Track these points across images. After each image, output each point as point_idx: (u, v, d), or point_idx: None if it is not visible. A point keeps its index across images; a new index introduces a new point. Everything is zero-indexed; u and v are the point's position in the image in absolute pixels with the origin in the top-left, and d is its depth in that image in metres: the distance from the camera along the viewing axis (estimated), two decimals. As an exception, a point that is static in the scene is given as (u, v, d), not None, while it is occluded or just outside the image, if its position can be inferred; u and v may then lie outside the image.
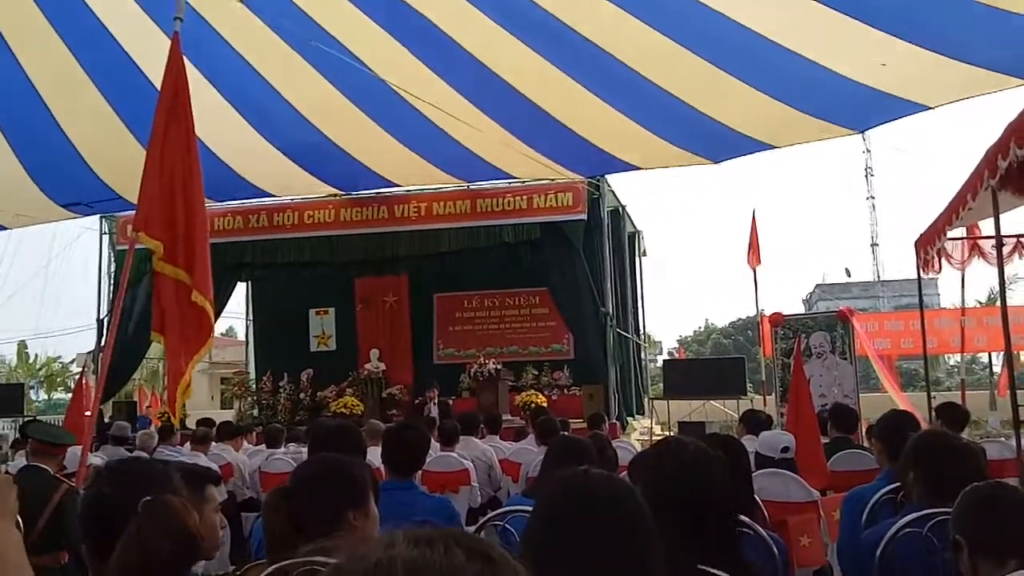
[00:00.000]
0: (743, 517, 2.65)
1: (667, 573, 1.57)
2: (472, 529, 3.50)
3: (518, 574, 0.72)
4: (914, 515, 2.73)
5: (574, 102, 9.07)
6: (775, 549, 2.72)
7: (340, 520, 2.22)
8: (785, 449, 4.31)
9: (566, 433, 6.13)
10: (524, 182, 13.06)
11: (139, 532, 1.68)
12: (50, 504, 3.88)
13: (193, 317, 5.00)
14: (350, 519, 2.25)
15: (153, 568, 1.66)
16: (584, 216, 13.01)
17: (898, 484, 3.33)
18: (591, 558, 1.48)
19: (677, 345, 44.80)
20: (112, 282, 14.98)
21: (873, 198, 40.79)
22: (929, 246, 8.17)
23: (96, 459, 5.86)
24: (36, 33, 8.00)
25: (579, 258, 12.90)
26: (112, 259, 14.90)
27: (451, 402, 13.32)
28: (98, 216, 14.46)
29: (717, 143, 9.73)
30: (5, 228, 13.47)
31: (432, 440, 6.03)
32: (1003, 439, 7.51)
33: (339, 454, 2.71)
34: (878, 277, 41.95)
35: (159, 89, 5.38)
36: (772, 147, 9.64)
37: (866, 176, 40.08)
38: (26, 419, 10.64)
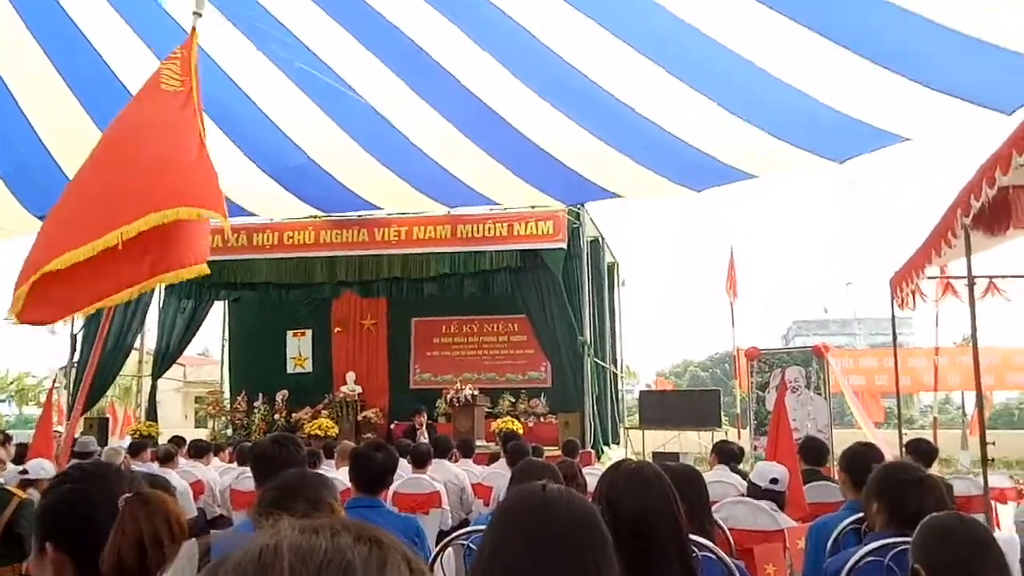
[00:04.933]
0: (704, 541, 2.65)
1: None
2: (437, 548, 3.49)
3: (408, 559, 0.72)
4: (876, 544, 2.75)
5: (557, 129, 9.13)
6: (738, 574, 2.73)
7: (324, 507, 2.34)
8: (774, 480, 4.33)
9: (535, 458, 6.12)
10: (505, 209, 13.11)
11: (130, 523, 1.68)
12: (4, 515, 3.84)
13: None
14: (333, 506, 2.43)
15: (146, 557, 1.66)
16: (564, 245, 13.06)
17: (862, 515, 3.36)
18: (541, 567, 1.48)
19: (656, 377, 44.88)
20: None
21: (849, 238, 41.09)
22: (904, 284, 8.27)
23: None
24: (14, 40, 7.99)
25: (558, 286, 12.94)
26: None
27: (435, 426, 13.33)
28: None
29: (698, 171, 9.81)
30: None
31: (404, 462, 6.03)
32: (971, 476, 7.58)
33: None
34: (855, 315, 42.28)
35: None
36: (752, 176, 9.73)
37: (845, 215, 40.42)
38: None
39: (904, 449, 6.34)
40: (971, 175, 5.26)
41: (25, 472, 5.31)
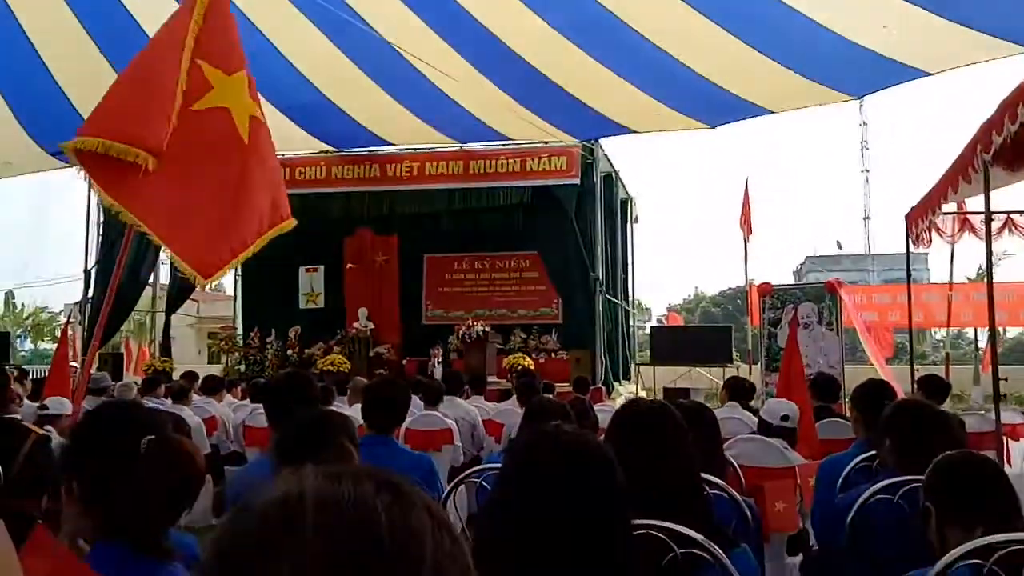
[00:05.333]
0: (714, 479, 2.66)
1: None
2: (450, 486, 3.52)
3: (429, 507, 0.73)
4: (886, 482, 2.75)
5: (572, 64, 9.01)
6: (748, 512, 2.74)
7: (345, 453, 2.41)
8: (784, 417, 4.33)
9: (548, 395, 6.15)
10: (518, 145, 13.00)
11: (149, 467, 1.69)
12: (21, 452, 3.87)
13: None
14: (351, 450, 2.47)
15: (164, 501, 1.68)
16: (577, 181, 12.95)
17: (873, 452, 3.36)
18: (555, 509, 1.47)
19: (667, 312, 44.97)
20: (99, 233, 14.89)
21: (867, 171, 40.59)
22: (920, 220, 8.17)
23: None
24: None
25: (571, 223, 12.87)
26: (100, 209, 14.78)
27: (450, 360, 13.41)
28: (87, 166, 14.32)
29: (714, 107, 9.69)
30: (-7, 178, 13.37)
31: (416, 399, 6.06)
32: (983, 412, 7.58)
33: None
34: (869, 250, 41.98)
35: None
36: (769, 112, 9.60)
37: (861, 149, 39.88)
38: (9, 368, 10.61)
39: (916, 385, 6.33)
40: (991, 111, 5.14)
41: (45, 408, 5.36)
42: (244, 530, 0.69)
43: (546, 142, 12.74)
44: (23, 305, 32.74)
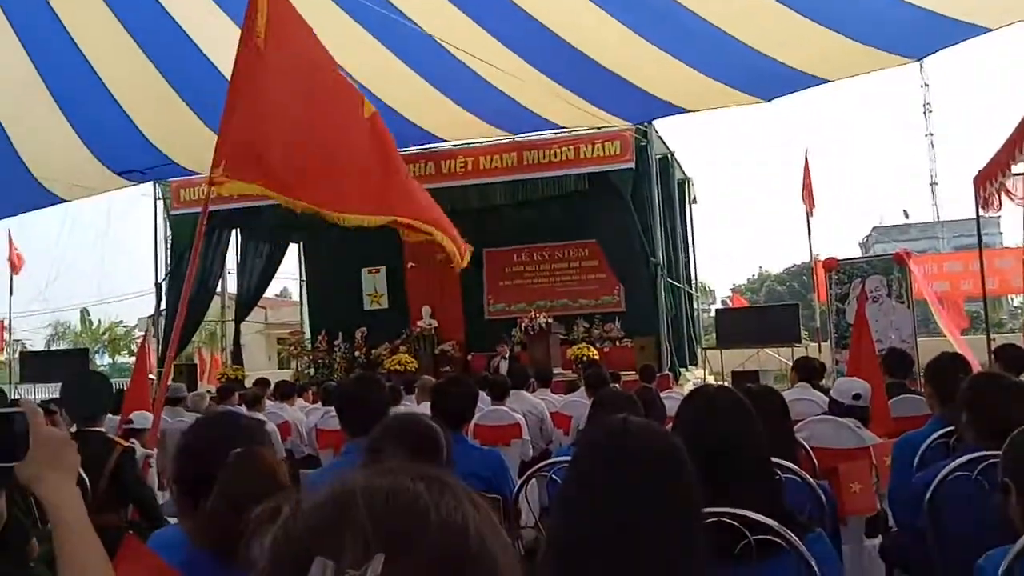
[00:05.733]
0: (786, 463, 2.63)
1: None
2: (521, 480, 3.54)
3: (470, 497, 0.78)
4: (964, 458, 2.69)
5: (618, 44, 8.92)
6: (822, 495, 2.71)
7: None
8: (857, 396, 4.26)
9: (615, 386, 6.15)
10: (571, 132, 12.95)
11: (232, 479, 1.74)
12: (108, 465, 4.01)
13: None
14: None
15: (243, 513, 1.73)
16: (632, 164, 12.83)
17: (950, 428, 3.29)
18: (626, 505, 1.48)
19: (731, 293, 44.42)
20: (167, 247, 15.27)
21: (932, 135, 39.52)
22: (989, 183, 7.94)
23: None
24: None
25: (628, 208, 12.76)
26: (168, 224, 15.16)
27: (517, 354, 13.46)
28: (152, 183, 14.71)
29: (767, 79, 9.52)
30: (63, 200, 13.77)
31: (483, 395, 6.10)
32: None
33: None
34: (937, 217, 40.88)
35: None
36: (825, 81, 9.40)
37: (924, 113, 38.86)
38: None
39: (993, 355, 6.16)
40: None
41: (130, 422, 5.55)
42: (304, 519, 0.75)
43: (599, 128, 12.66)
44: (99, 321, 33.69)
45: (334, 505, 0.74)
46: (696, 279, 17.51)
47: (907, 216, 47.11)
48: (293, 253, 18.17)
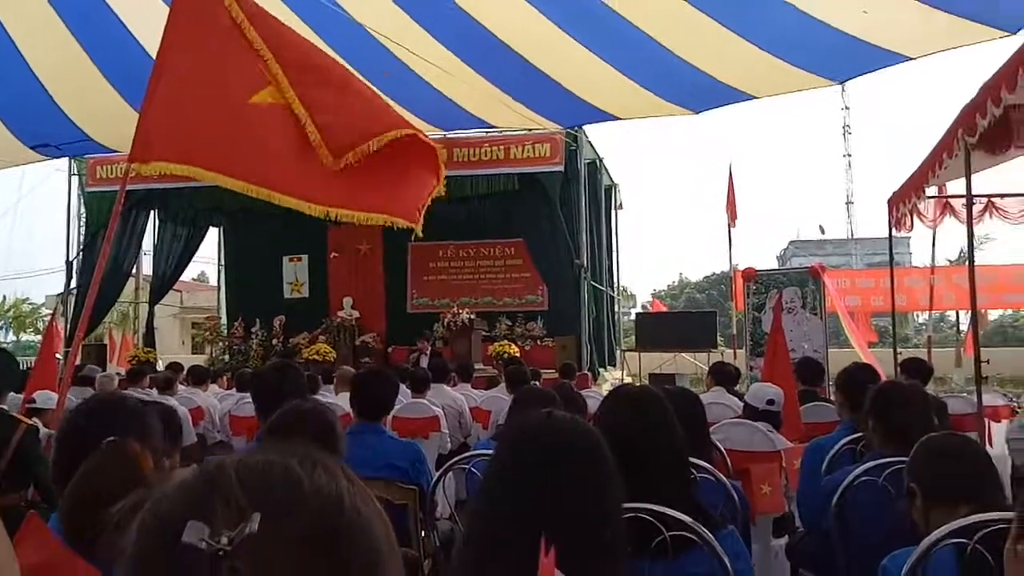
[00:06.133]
0: (702, 462, 2.69)
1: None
2: (439, 473, 3.54)
3: (343, 470, 0.77)
4: (871, 463, 2.79)
5: (554, 50, 8.97)
6: (734, 495, 2.77)
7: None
8: (770, 402, 4.36)
9: (535, 383, 6.18)
10: (502, 132, 12.96)
11: (94, 469, 1.69)
12: (10, 444, 3.87)
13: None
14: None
15: (100, 505, 1.67)
16: (561, 168, 12.91)
17: (859, 435, 3.40)
18: (548, 495, 1.49)
19: (651, 298, 45.09)
20: (80, 224, 14.79)
21: (849, 156, 40.79)
22: (901, 204, 8.22)
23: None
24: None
25: (555, 210, 12.84)
26: (82, 201, 14.68)
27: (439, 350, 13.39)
28: (67, 158, 14.22)
29: (698, 93, 9.69)
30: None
31: (403, 387, 6.07)
32: (965, 394, 7.66)
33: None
34: (852, 235, 42.20)
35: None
36: (752, 97, 9.61)
37: (844, 134, 40.07)
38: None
39: (899, 368, 6.39)
40: (973, 94, 5.17)
41: (32, 402, 5.36)
42: (173, 497, 0.72)
43: (530, 129, 12.71)
44: (4, 297, 32.51)
45: (205, 480, 0.72)
46: (618, 283, 17.74)
47: (823, 232, 48.60)
48: (213, 237, 17.80)
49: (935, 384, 9.50)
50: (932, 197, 9.05)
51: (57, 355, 9.30)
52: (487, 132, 13.04)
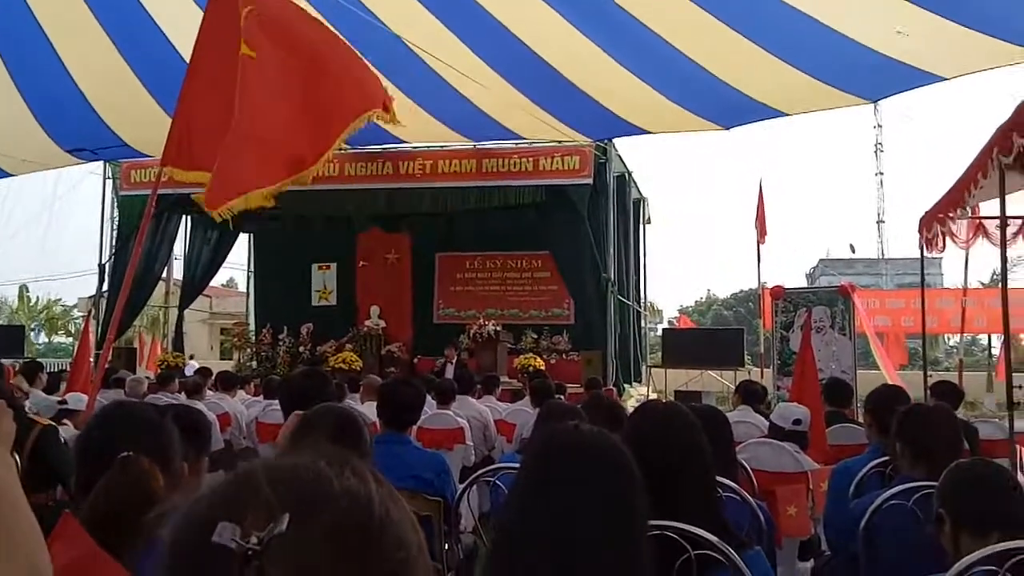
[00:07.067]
0: (728, 482, 2.67)
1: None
2: (464, 485, 3.54)
3: (372, 473, 0.78)
4: (900, 488, 2.75)
5: (587, 63, 9.00)
6: (760, 515, 2.75)
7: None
8: (797, 422, 4.31)
9: (560, 397, 6.17)
10: (531, 144, 12.99)
11: (105, 488, 1.72)
12: (26, 445, 3.91)
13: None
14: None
15: (115, 519, 1.69)
16: (590, 180, 12.89)
17: (887, 458, 3.36)
18: (575, 509, 1.49)
19: (678, 314, 44.86)
20: (113, 228, 14.97)
21: (881, 174, 40.36)
22: (934, 224, 8.13)
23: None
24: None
25: (583, 223, 12.83)
26: (115, 205, 14.87)
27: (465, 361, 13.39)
28: (101, 162, 14.42)
29: (729, 109, 9.68)
30: (9, 175, 13.45)
31: (428, 398, 6.08)
32: (996, 419, 7.55)
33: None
34: (882, 254, 41.73)
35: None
36: (784, 114, 9.58)
37: (875, 152, 39.67)
38: (25, 360, 10.70)
39: (929, 391, 6.31)
40: (1008, 114, 5.11)
41: (64, 403, 5.43)
42: (204, 501, 0.74)
43: (559, 142, 12.72)
44: (37, 298, 32.88)
45: (235, 483, 0.74)
46: (645, 298, 17.67)
47: (853, 251, 47.99)
48: (243, 243, 17.95)
49: (966, 408, 9.37)
50: (965, 218, 8.96)
51: (90, 358, 9.43)
52: (516, 143, 13.07)
